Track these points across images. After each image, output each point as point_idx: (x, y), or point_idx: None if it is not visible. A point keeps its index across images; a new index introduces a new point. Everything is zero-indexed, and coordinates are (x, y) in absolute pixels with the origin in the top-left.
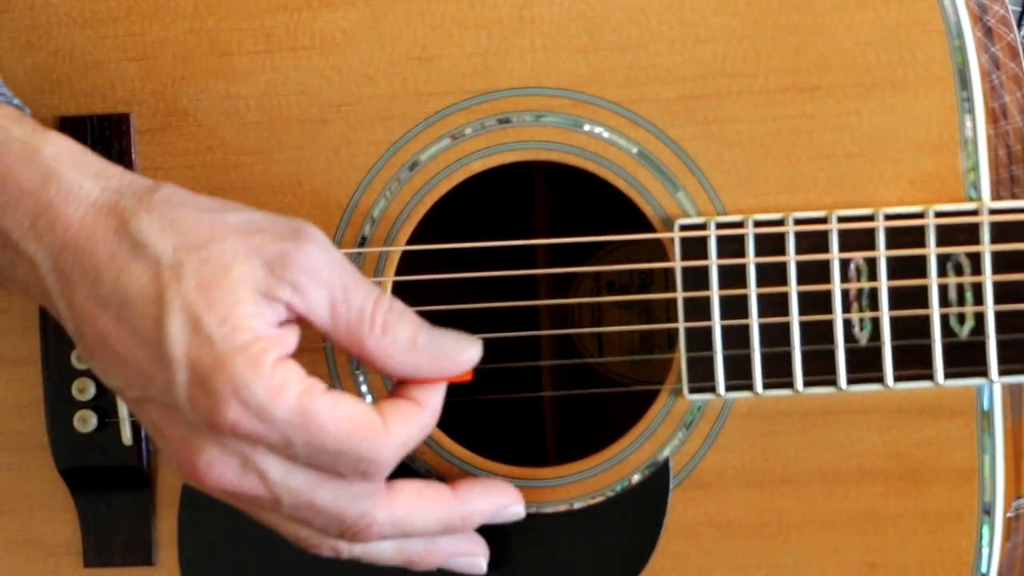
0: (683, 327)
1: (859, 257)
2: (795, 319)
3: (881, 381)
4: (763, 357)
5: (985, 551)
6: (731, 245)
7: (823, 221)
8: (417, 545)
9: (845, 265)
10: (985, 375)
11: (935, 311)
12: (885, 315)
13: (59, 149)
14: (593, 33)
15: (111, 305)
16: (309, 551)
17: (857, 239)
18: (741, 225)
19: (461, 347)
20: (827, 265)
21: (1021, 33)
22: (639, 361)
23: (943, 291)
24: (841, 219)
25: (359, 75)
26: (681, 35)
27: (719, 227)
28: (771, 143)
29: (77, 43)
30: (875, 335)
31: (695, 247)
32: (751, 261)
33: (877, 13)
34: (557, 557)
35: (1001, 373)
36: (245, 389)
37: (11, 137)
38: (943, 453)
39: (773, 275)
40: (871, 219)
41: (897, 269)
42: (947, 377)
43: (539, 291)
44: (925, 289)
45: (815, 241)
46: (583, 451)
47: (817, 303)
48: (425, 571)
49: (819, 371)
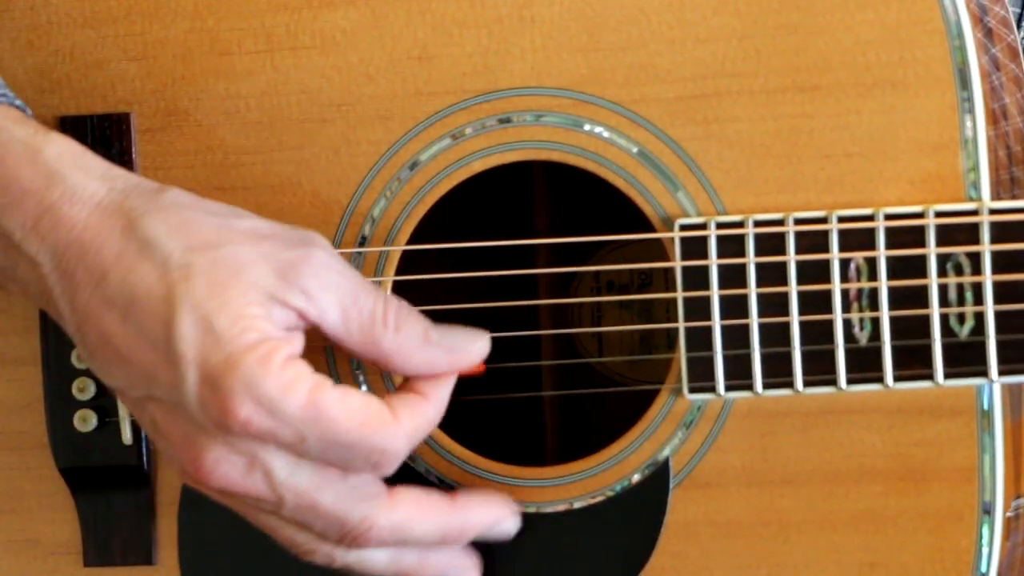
0: (683, 327)
1: (859, 257)
2: (795, 319)
3: (881, 381)
4: (763, 357)
5: (985, 551)
6: (731, 245)
7: (823, 221)
8: (411, 557)
9: (845, 265)
10: (985, 375)
11: (935, 311)
12: (885, 315)
13: (62, 150)
14: (593, 33)
15: (117, 304)
16: (304, 557)
17: (857, 239)
18: (741, 225)
19: (471, 338)
20: (827, 265)
21: (1021, 34)
22: (639, 361)
23: (943, 291)
24: (841, 219)
25: (359, 75)
26: (681, 35)
27: (719, 227)
28: (771, 143)
29: (77, 43)
30: (875, 335)
31: (695, 247)
32: (751, 261)
33: (877, 13)
34: (557, 557)
35: (1001, 373)
36: (257, 387)
37: (13, 138)
38: (943, 453)
39: (773, 275)
40: (871, 219)
41: (897, 269)
42: (947, 377)
43: (539, 291)
44: (925, 289)
45: (815, 241)
46: (583, 451)
47: (817, 303)
48: None
49: (819, 371)
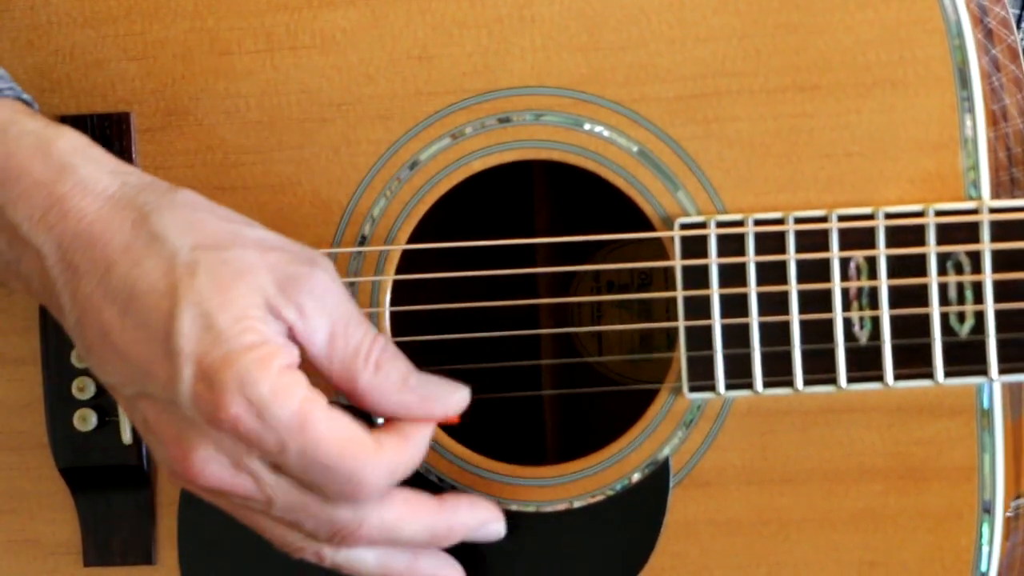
0: (683, 326)
1: (859, 256)
2: (795, 318)
3: (881, 380)
4: (763, 356)
5: (985, 550)
6: (731, 244)
7: (823, 220)
8: (399, 560)
9: (845, 264)
10: (985, 374)
11: (935, 310)
12: (885, 314)
13: (74, 143)
14: (593, 32)
15: (119, 298)
16: (294, 555)
17: (857, 238)
18: (741, 224)
19: (450, 391)
20: (827, 264)
21: (1021, 35)
22: (639, 360)
23: (943, 290)
24: (841, 218)
25: (359, 74)
26: (681, 34)
27: (719, 226)
28: (771, 142)
29: (77, 42)
30: (875, 334)
31: (695, 246)
32: (751, 260)
33: (877, 12)
34: (557, 557)
35: (1001, 372)
36: (251, 386)
37: (25, 130)
38: (943, 452)
39: (773, 274)
40: (871, 218)
41: (897, 268)
42: (947, 376)
43: (539, 290)
44: (925, 288)
45: (815, 240)
46: (583, 450)
47: (817, 302)
48: None
49: (819, 370)
